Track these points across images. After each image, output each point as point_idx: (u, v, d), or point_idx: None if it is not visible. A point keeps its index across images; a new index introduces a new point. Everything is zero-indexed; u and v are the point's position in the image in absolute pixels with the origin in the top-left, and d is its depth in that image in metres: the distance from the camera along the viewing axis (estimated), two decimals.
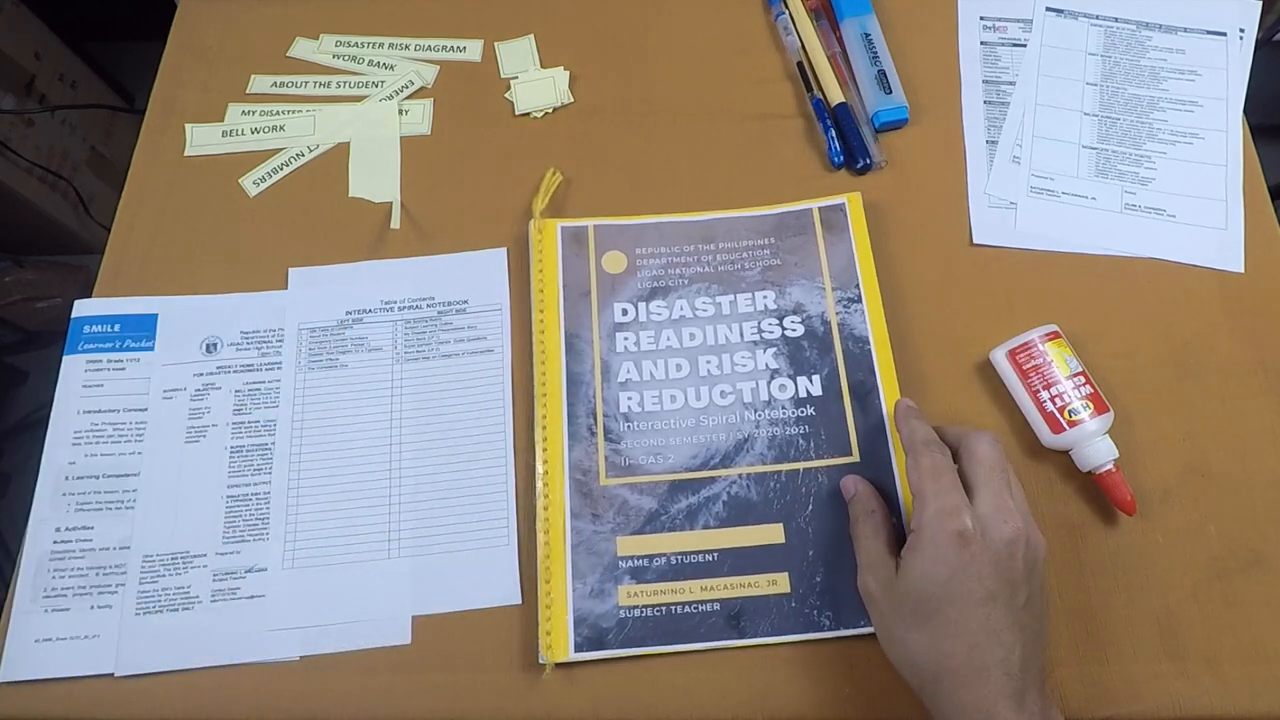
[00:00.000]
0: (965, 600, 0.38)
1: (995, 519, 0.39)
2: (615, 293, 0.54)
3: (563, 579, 0.47)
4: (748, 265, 0.54)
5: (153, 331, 0.54)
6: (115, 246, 0.57)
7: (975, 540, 0.38)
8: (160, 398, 0.52)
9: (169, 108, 0.62)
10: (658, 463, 0.49)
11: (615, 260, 0.54)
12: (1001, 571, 0.38)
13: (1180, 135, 0.59)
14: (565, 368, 0.51)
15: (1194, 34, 0.62)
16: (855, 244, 0.54)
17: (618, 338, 0.52)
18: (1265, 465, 0.49)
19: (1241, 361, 0.52)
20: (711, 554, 0.47)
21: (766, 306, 0.53)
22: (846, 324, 0.52)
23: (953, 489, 0.40)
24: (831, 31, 0.63)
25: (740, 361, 0.52)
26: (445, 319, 0.54)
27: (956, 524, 0.38)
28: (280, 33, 0.64)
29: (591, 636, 0.45)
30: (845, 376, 0.51)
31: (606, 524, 0.48)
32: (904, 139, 0.59)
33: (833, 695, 0.45)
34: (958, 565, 0.38)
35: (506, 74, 0.63)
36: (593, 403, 0.51)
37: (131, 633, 0.47)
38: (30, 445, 0.84)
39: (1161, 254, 0.55)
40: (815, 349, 0.52)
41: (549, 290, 0.53)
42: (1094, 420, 0.47)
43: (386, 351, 0.53)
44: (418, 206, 0.58)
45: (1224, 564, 0.47)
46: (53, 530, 0.49)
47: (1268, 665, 0.45)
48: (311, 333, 0.53)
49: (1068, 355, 0.49)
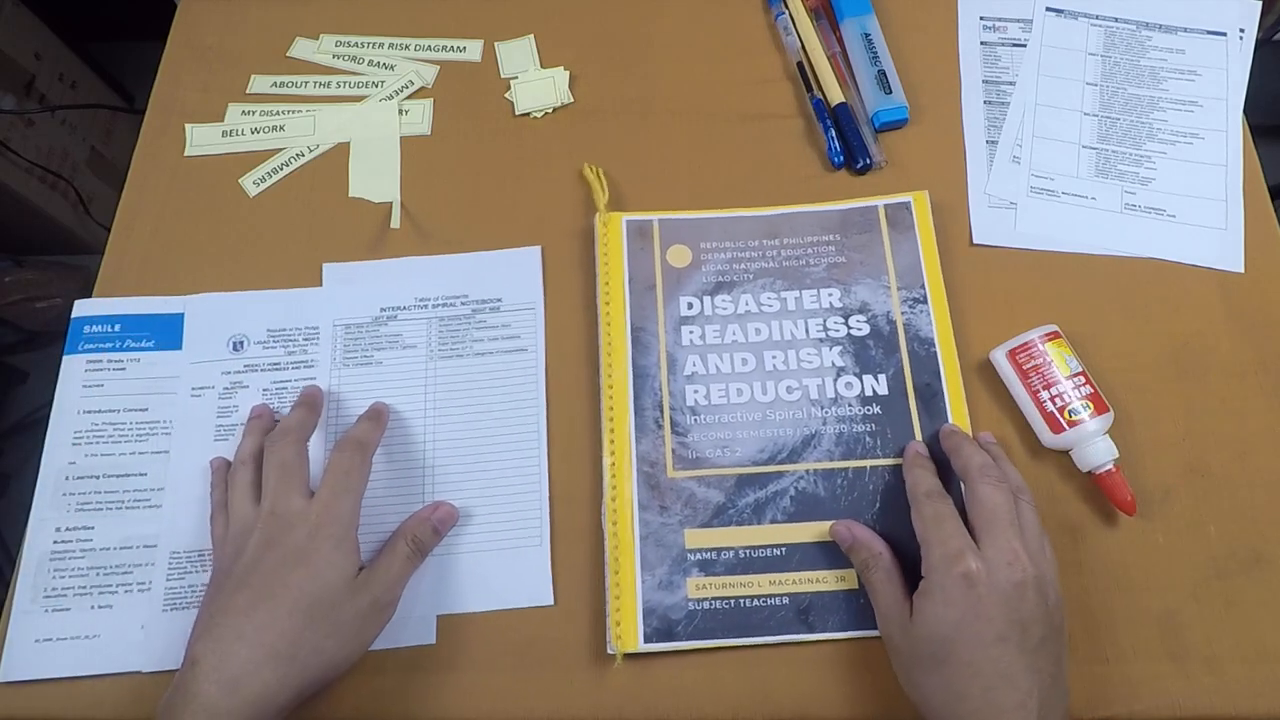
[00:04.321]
0: (976, 642, 0.38)
1: (1000, 562, 0.40)
2: (680, 286, 0.54)
3: (631, 570, 0.47)
4: (812, 261, 0.54)
5: (161, 330, 0.53)
6: (115, 246, 0.57)
7: (982, 582, 0.39)
8: (189, 395, 0.52)
9: (169, 108, 0.62)
10: (725, 456, 0.49)
11: (680, 254, 0.54)
12: (1010, 613, 0.39)
13: (1180, 135, 0.59)
14: (631, 360, 0.51)
15: (1194, 34, 0.62)
16: (921, 243, 0.54)
17: (683, 331, 0.52)
18: (1265, 465, 0.50)
19: (1241, 361, 0.52)
20: (780, 548, 0.47)
21: (832, 304, 0.53)
22: (912, 325, 0.52)
23: (956, 534, 0.41)
24: (831, 31, 0.63)
25: (806, 358, 0.52)
26: (479, 317, 0.54)
27: (961, 567, 0.39)
28: (280, 33, 0.64)
29: (661, 628, 0.46)
30: (911, 377, 0.51)
31: (674, 516, 0.48)
32: (904, 139, 0.59)
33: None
34: (966, 606, 0.39)
35: (506, 74, 0.63)
36: (659, 395, 0.51)
37: (160, 630, 0.47)
38: (30, 445, 0.84)
39: (1161, 254, 0.55)
40: (881, 348, 0.52)
41: (614, 283, 0.53)
42: (1094, 420, 0.47)
43: (421, 349, 0.53)
44: (418, 206, 0.58)
45: (1224, 564, 0.47)
46: (53, 530, 0.49)
47: (1268, 665, 0.45)
48: (346, 329, 0.53)
49: (1068, 355, 0.49)
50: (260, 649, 0.39)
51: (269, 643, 0.40)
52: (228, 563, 0.43)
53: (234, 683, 0.38)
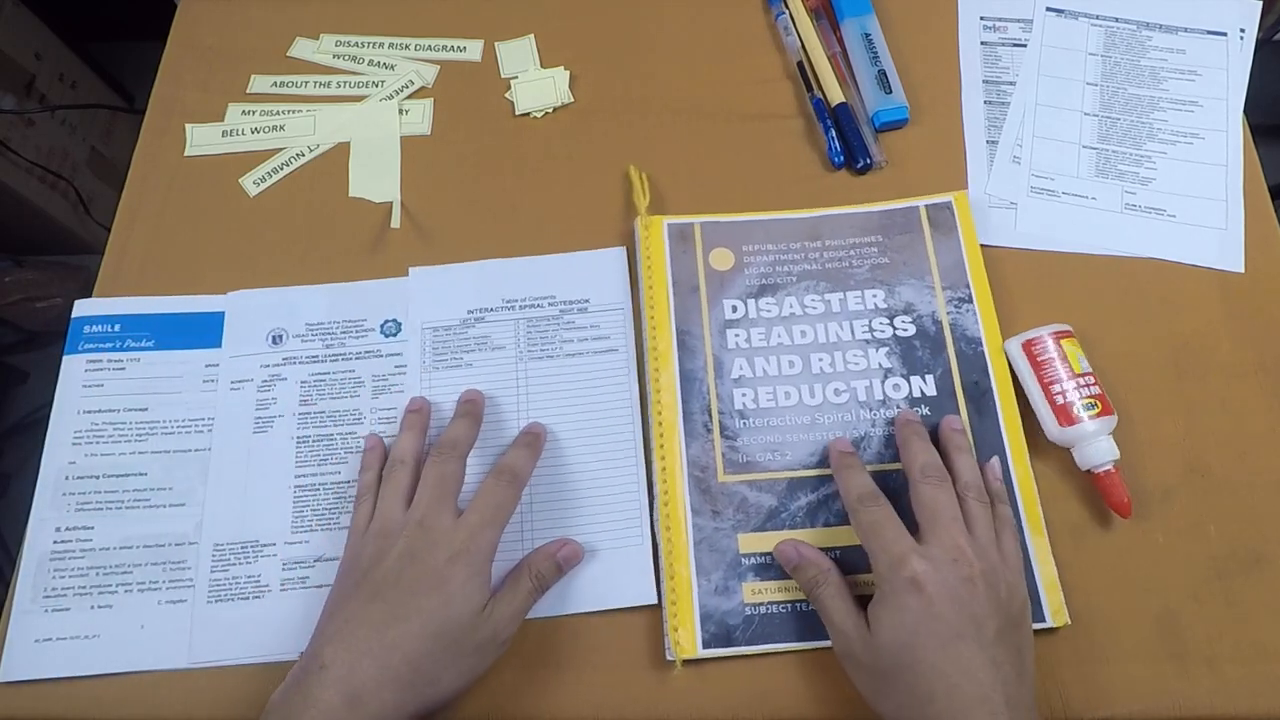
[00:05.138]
0: (934, 643, 0.38)
1: (944, 560, 0.40)
2: (724, 289, 0.53)
3: (687, 576, 0.46)
4: (856, 263, 0.54)
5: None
6: (115, 246, 0.57)
7: (930, 582, 0.39)
8: (228, 389, 0.52)
9: (169, 108, 0.62)
10: (775, 460, 0.49)
11: (723, 257, 0.54)
12: (962, 609, 0.39)
13: (1180, 135, 0.59)
14: (678, 364, 0.51)
15: (1194, 34, 0.62)
16: (964, 243, 0.54)
17: (728, 334, 0.52)
18: (1265, 465, 0.50)
19: (1241, 361, 0.52)
20: (834, 551, 0.47)
21: (876, 305, 0.53)
22: (958, 324, 0.52)
23: (897, 538, 0.41)
24: (831, 31, 0.63)
25: (853, 360, 0.51)
26: (567, 318, 0.54)
27: (907, 571, 0.40)
28: (280, 33, 0.64)
29: (719, 633, 0.45)
30: (959, 378, 0.51)
31: (727, 520, 0.48)
32: (904, 139, 0.59)
33: None
34: (919, 610, 0.39)
35: (506, 74, 0.63)
36: (707, 399, 0.51)
37: (204, 622, 0.47)
38: (30, 445, 0.84)
39: (1161, 254, 0.55)
40: (927, 349, 0.51)
41: (658, 286, 0.53)
42: (1100, 420, 0.47)
43: (510, 350, 0.53)
44: (418, 206, 0.58)
45: (1224, 564, 0.47)
46: (53, 530, 0.49)
47: (1268, 665, 0.45)
48: (435, 332, 0.53)
49: (1079, 354, 0.49)
50: (386, 670, 0.39)
51: (394, 664, 0.40)
52: (367, 563, 0.43)
53: (357, 698, 0.38)
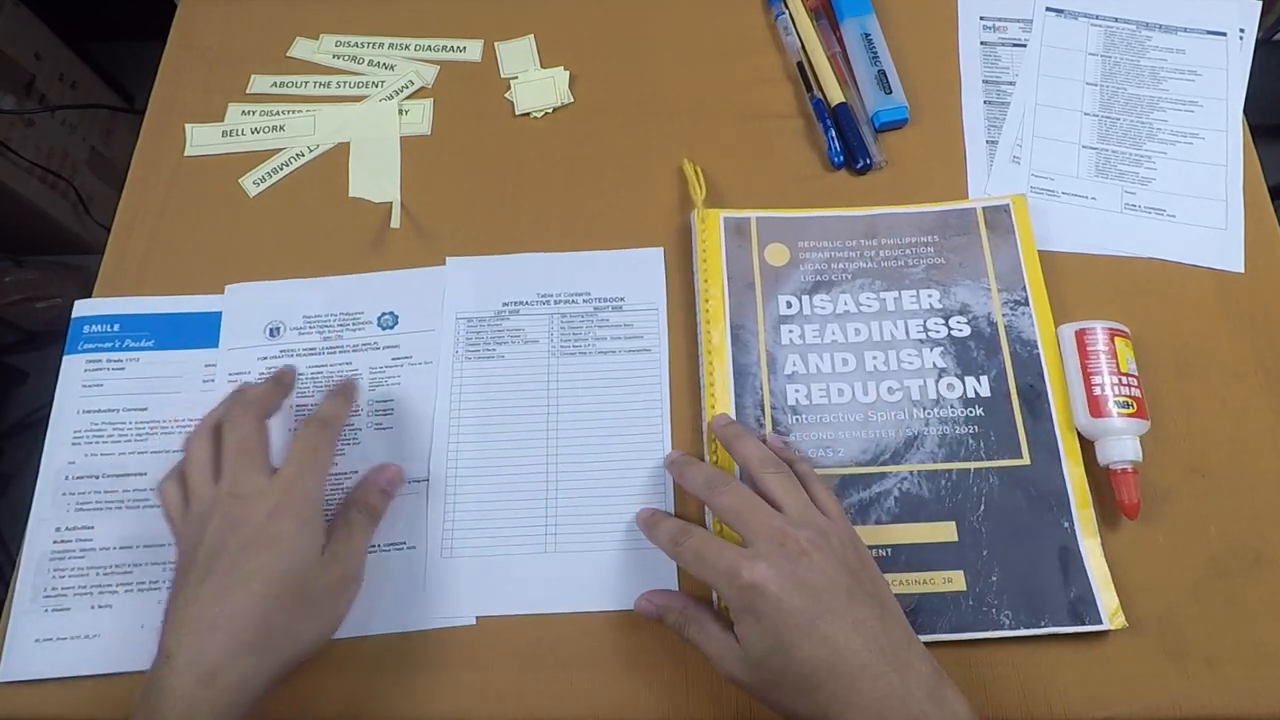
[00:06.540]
0: (797, 634, 0.38)
1: (771, 551, 0.39)
2: (779, 285, 0.53)
3: None
4: (911, 262, 0.54)
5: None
6: (115, 246, 0.57)
7: (769, 580, 0.38)
8: (226, 382, 0.52)
9: (169, 108, 0.62)
10: (828, 456, 0.49)
11: (778, 253, 0.54)
12: (808, 588, 0.38)
13: (1180, 135, 0.59)
14: (731, 358, 0.51)
15: (1194, 34, 0.62)
16: (1021, 247, 0.54)
17: (782, 330, 0.52)
18: (1265, 465, 0.50)
19: (1241, 361, 0.52)
20: (886, 549, 0.47)
21: (931, 305, 0.53)
22: (1014, 327, 0.52)
23: (721, 553, 0.41)
24: (831, 31, 0.63)
25: (907, 359, 0.51)
26: (601, 315, 0.54)
27: (742, 580, 0.39)
28: (280, 33, 0.64)
29: None
30: (1014, 379, 0.51)
31: None
32: (904, 139, 0.59)
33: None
34: (771, 611, 0.38)
35: (506, 74, 0.63)
36: (760, 394, 0.51)
37: None
38: (30, 445, 0.84)
39: (1161, 254, 0.55)
40: (982, 350, 0.51)
41: (713, 280, 0.53)
42: (1130, 420, 0.47)
43: (543, 344, 0.53)
44: (418, 206, 0.58)
45: (1224, 564, 0.47)
46: (53, 530, 0.49)
47: (1268, 665, 0.45)
48: (469, 323, 0.54)
49: (1129, 356, 0.49)
50: (234, 638, 0.39)
51: (242, 630, 0.39)
52: (190, 547, 0.42)
53: (211, 675, 0.38)
